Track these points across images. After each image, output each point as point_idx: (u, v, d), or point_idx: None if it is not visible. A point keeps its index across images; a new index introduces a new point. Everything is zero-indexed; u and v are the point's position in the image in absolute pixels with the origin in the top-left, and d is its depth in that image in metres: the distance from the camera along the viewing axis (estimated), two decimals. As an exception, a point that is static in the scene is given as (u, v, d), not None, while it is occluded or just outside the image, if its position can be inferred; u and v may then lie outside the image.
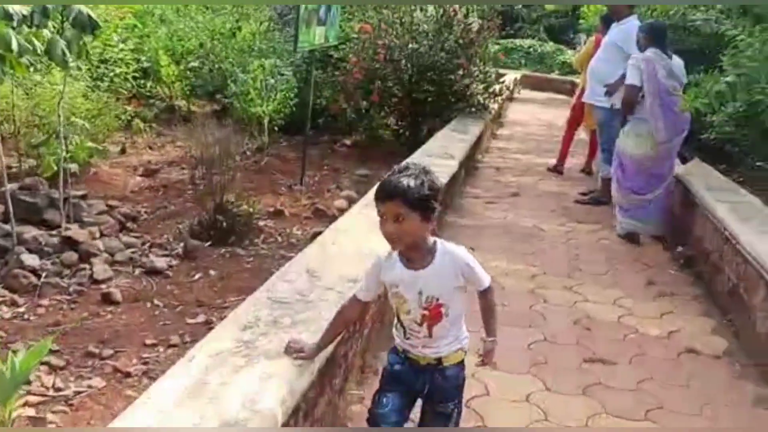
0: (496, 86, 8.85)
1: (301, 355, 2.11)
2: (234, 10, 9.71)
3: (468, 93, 8.26)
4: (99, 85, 6.98)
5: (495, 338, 2.19)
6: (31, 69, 4.63)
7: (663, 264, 5.02)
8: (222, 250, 4.98)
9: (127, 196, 6.19)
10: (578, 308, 4.09)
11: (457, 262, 2.04)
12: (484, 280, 2.11)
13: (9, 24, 3.83)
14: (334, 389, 2.56)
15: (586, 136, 8.27)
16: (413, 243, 2.00)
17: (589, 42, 7.84)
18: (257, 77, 7.77)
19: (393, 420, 2.11)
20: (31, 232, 4.77)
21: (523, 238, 5.39)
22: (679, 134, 5.26)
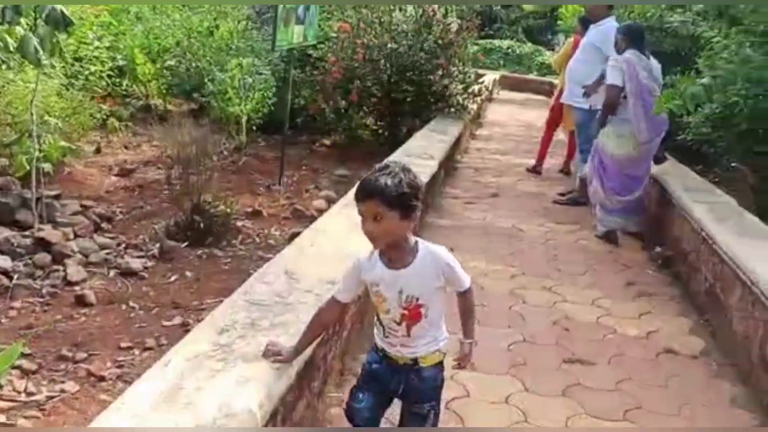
0: (475, 87, 8.86)
1: (279, 359, 2.09)
2: (211, 9, 9.61)
3: (447, 93, 8.25)
4: (73, 83, 6.87)
5: (473, 340, 2.19)
6: (3, 66, 4.54)
7: (641, 264, 5.05)
8: (199, 251, 4.92)
9: (102, 196, 6.09)
10: (557, 309, 4.10)
11: (438, 262, 2.04)
12: (465, 281, 2.11)
13: (-20, 21, 3.76)
14: (313, 392, 2.54)
15: (564, 137, 8.32)
16: (394, 242, 1.99)
17: (568, 43, 7.89)
18: (235, 76, 7.69)
19: (366, 416, 2.15)
20: (2, 233, 4.68)
21: (502, 238, 5.40)
22: (658, 135, 5.30)
